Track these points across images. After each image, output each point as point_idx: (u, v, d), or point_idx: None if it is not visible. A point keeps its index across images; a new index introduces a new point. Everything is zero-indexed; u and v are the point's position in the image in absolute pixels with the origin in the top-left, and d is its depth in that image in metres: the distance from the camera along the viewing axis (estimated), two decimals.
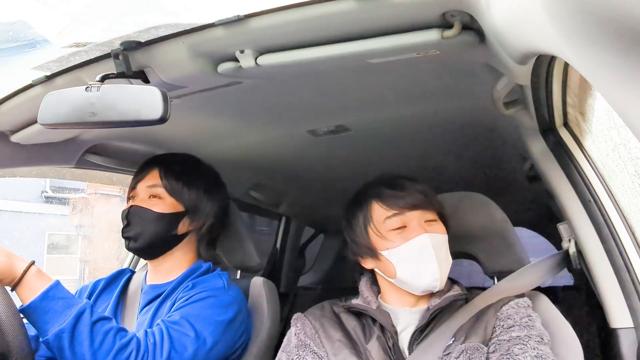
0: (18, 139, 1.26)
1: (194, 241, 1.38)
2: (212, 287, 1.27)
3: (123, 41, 0.95)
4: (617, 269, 1.09)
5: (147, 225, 1.29)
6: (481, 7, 0.75)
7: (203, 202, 1.36)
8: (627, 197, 1.12)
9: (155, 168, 1.34)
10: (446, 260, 1.16)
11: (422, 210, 1.17)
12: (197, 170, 1.41)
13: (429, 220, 1.17)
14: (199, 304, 1.22)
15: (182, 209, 1.33)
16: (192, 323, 1.17)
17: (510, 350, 1.04)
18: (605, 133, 1.14)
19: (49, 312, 1.04)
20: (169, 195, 1.32)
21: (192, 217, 1.34)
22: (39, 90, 1.10)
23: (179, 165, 1.38)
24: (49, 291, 1.05)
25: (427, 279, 1.13)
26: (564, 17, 0.45)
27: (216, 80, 1.05)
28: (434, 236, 1.15)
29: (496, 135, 1.53)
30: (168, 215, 1.31)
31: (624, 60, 0.41)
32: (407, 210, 1.16)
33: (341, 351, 1.13)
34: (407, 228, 1.15)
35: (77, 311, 1.05)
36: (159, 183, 1.32)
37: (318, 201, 2.37)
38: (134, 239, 1.29)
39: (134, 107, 0.86)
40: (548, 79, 1.05)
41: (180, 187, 1.33)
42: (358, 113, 1.41)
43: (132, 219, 1.30)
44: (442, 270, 1.13)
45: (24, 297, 1.05)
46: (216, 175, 1.46)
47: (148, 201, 1.31)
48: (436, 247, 1.14)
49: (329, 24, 0.87)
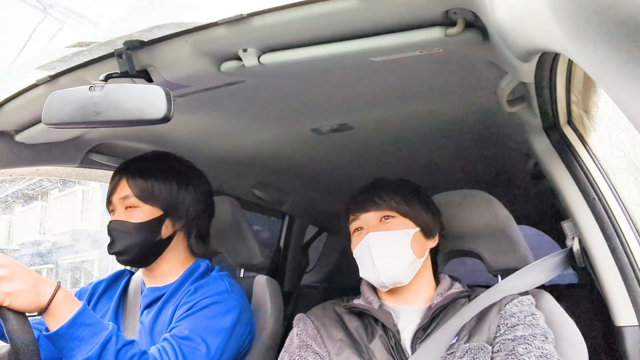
0: (22, 139, 1.27)
1: (183, 239, 1.35)
2: (214, 291, 1.26)
3: (126, 40, 0.95)
4: (622, 266, 1.09)
5: (130, 237, 1.27)
6: (484, 5, 0.74)
7: (179, 198, 1.32)
8: (631, 194, 1.12)
9: (123, 177, 1.31)
10: (394, 255, 1.17)
11: (376, 211, 1.21)
12: (165, 166, 1.36)
13: (385, 217, 1.21)
14: (204, 313, 1.21)
15: (160, 212, 1.30)
16: (202, 337, 1.17)
17: (515, 350, 1.03)
18: (609, 130, 1.14)
19: (76, 340, 1.03)
20: (143, 203, 1.28)
21: (173, 218, 1.31)
22: (43, 90, 1.10)
23: (144, 167, 1.33)
24: (77, 318, 1.04)
25: (371, 276, 1.18)
26: (568, 14, 0.45)
27: (219, 79, 1.06)
28: (378, 234, 1.18)
29: (500, 133, 1.53)
30: (147, 222, 1.28)
31: (628, 57, 0.41)
32: (361, 213, 1.23)
33: (343, 351, 1.13)
34: (363, 230, 1.22)
35: (103, 339, 1.04)
36: (129, 193, 1.28)
37: (321, 199, 2.37)
38: (122, 253, 1.27)
39: (137, 106, 0.86)
40: (552, 77, 1.05)
41: (151, 189, 1.29)
42: (361, 111, 1.41)
43: (114, 234, 1.28)
44: (385, 265, 1.16)
45: (51, 324, 1.03)
46: (188, 165, 1.40)
47: (125, 213, 1.29)
48: (377, 245, 1.17)
49: (332, 22, 0.87)
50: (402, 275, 1.17)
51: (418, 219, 1.22)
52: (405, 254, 1.17)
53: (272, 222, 2.63)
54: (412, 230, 1.20)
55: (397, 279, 1.17)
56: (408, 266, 1.17)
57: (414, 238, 1.19)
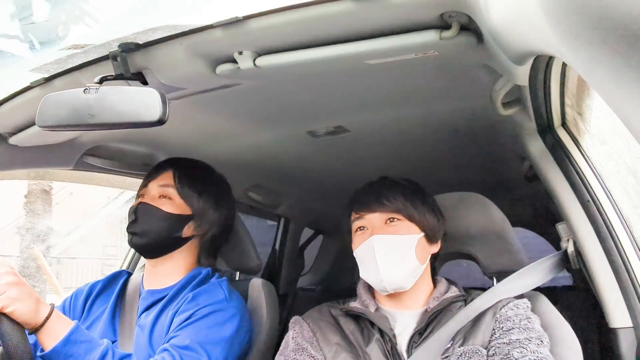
0: (16, 141, 1.26)
1: (195, 247, 1.38)
2: (214, 300, 1.26)
3: (121, 43, 0.95)
4: (616, 268, 1.09)
5: (154, 223, 1.30)
6: (479, 8, 0.75)
7: (211, 210, 1.36)
8: (625, 196, 1.12)
9: (169, 170, 1.36)
10: (398, 261, 1.15)
11: (381, 212, 1.19)
12: (211, 179, 1.42)
13: (390, 219, 1.19)
14: (204, 322, 1.21)
15: (189, 212, 1.34)
16: (203, 347, 1.17)
17: (510, 354, 1.03)
18: (603, 133, 1.15)
19: (72, 357, 1.05)
20: (179, 197, 1.33)
21: (197, 222, 1.35)
22: (37, 92, 1.10)
23: (194, 171, 1.39)
24: (71, 335, 1.06)
25: (373, 279, 1.16)
26: (562, 17, 0.45)
27: (215, 81, 1.05)
28: (383, 237, 1.16)
29: (494, 135, 1.53)
30: (176, 216, 1.31)
31: (621, 60, 0.41)
32: (366, 212, 1.20)
33: (339, 354, 1.13)
34: (367, 230, 1.19)
35: (99, 355, 1.06)
36: (171, 184, 1.33)
37: (317, 202, 2.36)
38: (139, 235, 1.30)
39: (132, 108, 0.86)
40: (546, 80, 1.05)
41: (191, 192, 1.34)
42: (357, 114, 1.41)
43: (140, 215, 1.31)
44: (388, 271, 1.14)
45: (46, 342, 1.05)
46: (228, 187, 1.46)
47: (158, 200, 1.32)
48: (382, 248, 1.15)
49: (327, 25, 0.87)
50: (405, 281, 1.16)
51: (423, 223, 1.20)
52: (410, 260, 1.16)
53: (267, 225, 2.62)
54: (417, 236, 1.18)
55: (399, 285, 1.16)
56: (411, 272, 1.16)
57: (418, 244, 1.18)
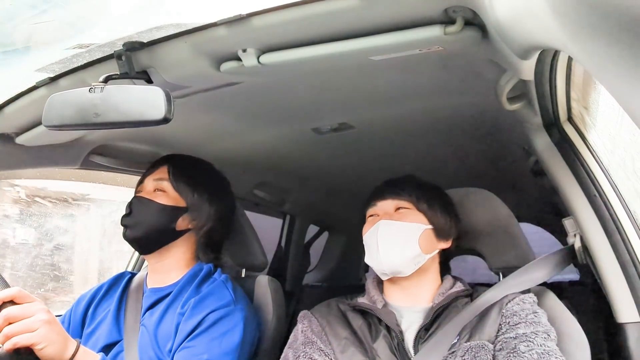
0: (23, 141, 1.27)
1: (193, 242, 1.39)
2: (220, 303, 1.26)
3: (126, 42, 0.95)
4: (623, 263, 1.09)
5: (147, 215, 1.31)
6: (483, 3, 0.74)
7: (206, 205, 1.37)
8: (632, 191, 1.11)
9: (164, 165, 1.38)
10: (399, 246, 1.17)
11: (393, 199, 1.22)
12: (206, 173, 1.43)
13: (401, 207, 1.22)
14: (215, 331, 1.22)
15: (184, 204, 1.34)
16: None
17: (517, 348, 1.03)
18: (609, 127, 1.14)
19: None
20: (174, 190, 1.34)
21: (192, 215, 1.35)
22: (43, 92, 1.10)
23: (188, 165, 1.41)
24: None
25: (374, 262, 1.19)
26: (568, 11, 0.45)
27: (219, 79, 1.06)
28: (389, 222, 1.19)
29: (500, 130, 1.52)
30: (169, 207, 1.32)
31: (628, 54, 0.41)
32: (379, 200, 1.24)
33: (348, 349, 1.14)
34: (377, 217, 1.22)
35: None
36: (165, 177, 1.35)
37: (322, 199, 2.36)
38: (132, 227, 1.31)
39: (137, 107, 0.86)
40: (552, 74, 1.05)
41: (185, 185, 1.35)
42: (361, 110, 1.41)
43: (134, 208, 1.32)
44: (388, 254, 1.16)
45: None
46: (226, 183, 1.47)
47: (153, 194, 1.34)
48: (386, 232, 1.18)
49: (331, 22, 0.87)
50: (403, 266, 1.17)
51: (433, 218, 1.22)
52: (411, 246, 1.18)
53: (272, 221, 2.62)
54: (423, 226, 1.20)
55: (397, 269, 1.17)
56: (411, 259, 1.17)
57: (424, 234, 1.19)
